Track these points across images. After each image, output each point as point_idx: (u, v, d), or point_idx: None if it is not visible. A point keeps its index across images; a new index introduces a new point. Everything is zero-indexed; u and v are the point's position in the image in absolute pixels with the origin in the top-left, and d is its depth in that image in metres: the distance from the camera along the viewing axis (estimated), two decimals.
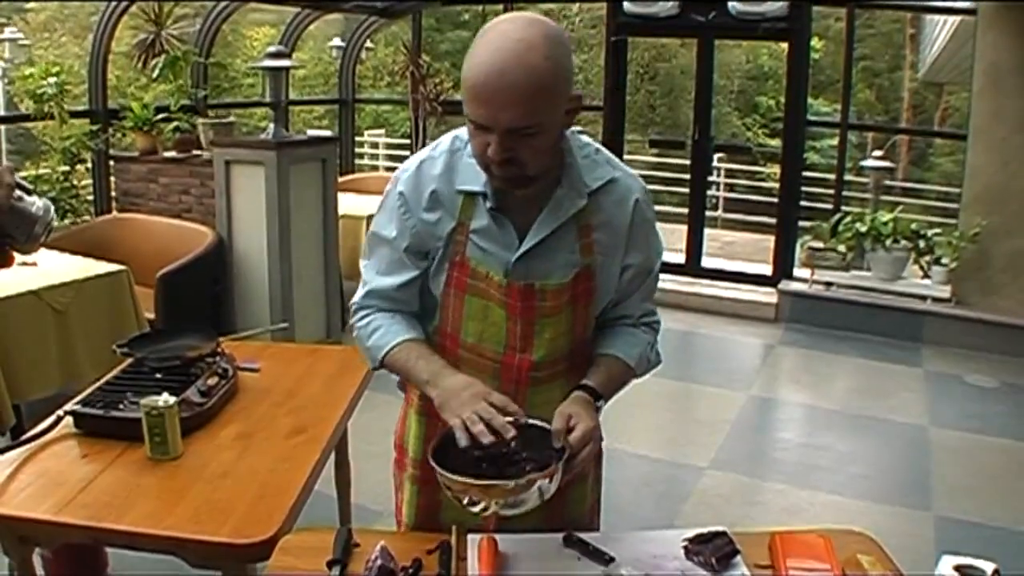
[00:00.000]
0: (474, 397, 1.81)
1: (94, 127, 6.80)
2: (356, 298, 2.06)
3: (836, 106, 17.38)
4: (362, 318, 2.05)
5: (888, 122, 20.43)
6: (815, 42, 17.22)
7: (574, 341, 2.04)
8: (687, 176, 9.23)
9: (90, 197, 7.15)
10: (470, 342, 1.99)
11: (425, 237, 1.94)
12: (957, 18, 8.72)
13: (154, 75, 7.28)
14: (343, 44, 10.18)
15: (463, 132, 1.89)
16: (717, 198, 14.06)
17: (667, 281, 8.37)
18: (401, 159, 11.30)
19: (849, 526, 2.08)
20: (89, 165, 7.08)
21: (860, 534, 2.03)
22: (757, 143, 18.65)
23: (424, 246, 1.96)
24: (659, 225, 2.09)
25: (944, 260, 7.47)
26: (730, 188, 14.73)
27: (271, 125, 6.03)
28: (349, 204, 7.21)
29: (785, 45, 8.70)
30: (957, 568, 1.77)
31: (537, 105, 1.70)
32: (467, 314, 1.98)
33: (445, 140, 1.97)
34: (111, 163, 6.97)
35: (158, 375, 2.80)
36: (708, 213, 11.34)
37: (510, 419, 1.77)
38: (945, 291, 7.52)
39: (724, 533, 1.90)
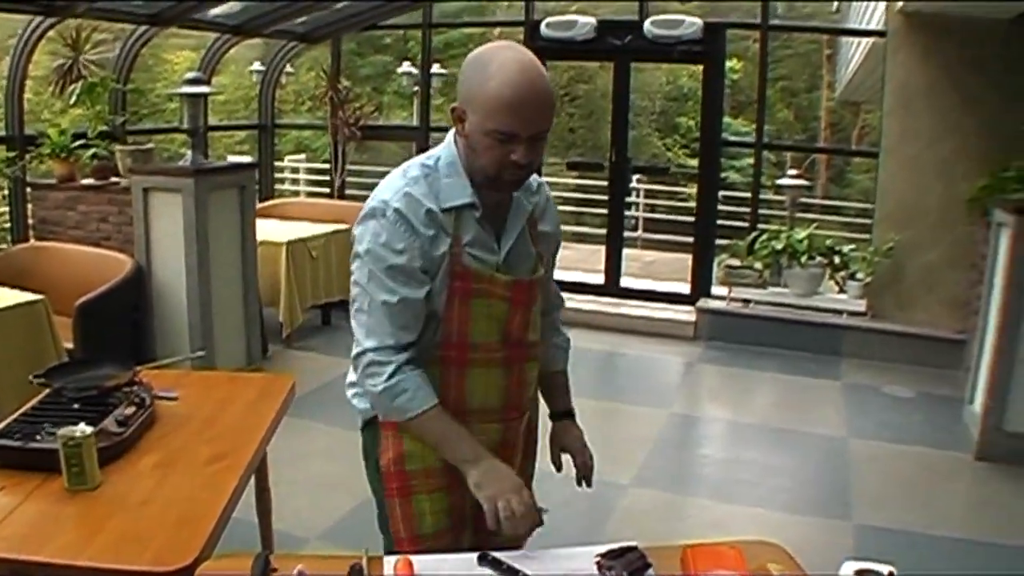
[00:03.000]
0: (515, 487, 2.05)
1: (10, 154, 6.67)
2: (366, 346, 2.11)
3: (756, 126, 17.70)
4: (389, 376, 2.09)
5: (807, 141, 20.85)
6: (735, 63, 17.59)
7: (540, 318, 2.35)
8: (606, 197, 9.31)
9: (7, 225, 7.02)
10: (479, 341, 2.17)
11: (427, 255, 2.07)
12: (870, 40, 8.98)
13: (71, 101, 7.18)
14: (263, 68, 10.11)
15: (422, 160, 2.14)
16: (637, 219, 14.18)
17: (587, 302, 8.49)
18: (323, 183, 11.26)
19: (768, 538, 2.14)
20: (5, 192, 6.96)
21: (771, 544, 2.09)
22: (677, 163, 18.87)
23: (426, 265, 2.08)
24: (580, 246, 2.26)
25: (859, 275, 7.67)
26: (651, 208, 14.86)
27: (189, 152, 5.99)
28: (269, 230, 7.21)
29: (701, 67, 8.87)
30: (858, 572, 1.84)
31: (552, 111, 2.04)
32: (473, 318, 2.14)
33: (411, 169, 2.13)
34: (28, 190, 6.86)
35: (76, 405, 2.79)
36: (628, 234, 11.49)
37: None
38: (861, 305, 7.72)
39: (635, 548, 1.95)
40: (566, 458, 2.55)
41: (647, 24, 8.37)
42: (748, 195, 9.28)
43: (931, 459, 5.61)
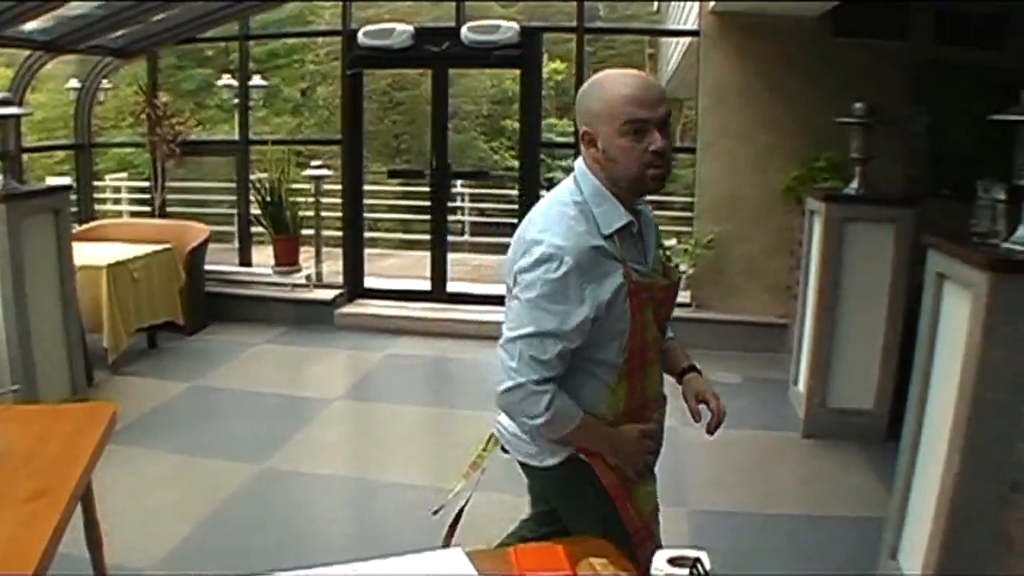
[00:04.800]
0: (640, 445, 2.46)
1: None
2: (529, 378, 2.26)
3: (575, 127, 17.85)
4: (548, 405, 2.27)
5: None
6: (559, 64, 17.80)
7: None
8: (429, 204, 9.20)
9: None
10: (650, 342, 2.40)
11: (597, 299, 2.23)
12: (686, 39, 9.16)
13: None
14: (80, 85, 9.58)
15: (567, 196, 2.32)
16: (463, 223, 14.22)
17: (415, 309, 8.36)
18: (145, 203, 10.75)
19: None
20: None
21: (595, 540, 2.18)
22: (505, 166, 18.96)
23: (593, 311, 2.23)
24: (407, 253, 2.21)
25: (683, 267, 7.79)
26: (480, 212, 14.90)
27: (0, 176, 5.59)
28: (89, 253, 6.89)
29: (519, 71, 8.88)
30: (670, 560, 1.83)
31: (666, 97, 2.25)
32: (646, 324, 2.36)
33: (567, 207, 2.29)
34: None
35: None
36: (455, 238, 11.43)
37: None
38: (685, 296, 7.85)
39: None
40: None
41: (464, 30, 8.36)
42: None
43: (761, 440, 5.74)
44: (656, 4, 13.15)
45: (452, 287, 8.95)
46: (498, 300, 8.35)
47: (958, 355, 3.31)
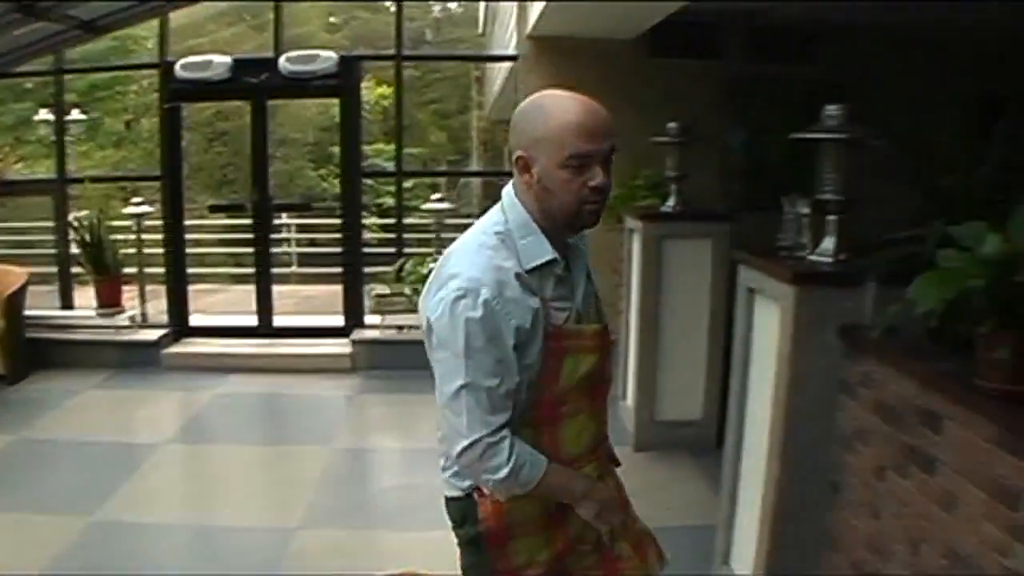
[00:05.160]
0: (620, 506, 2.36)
1: None
2: (480, 435, 2.06)
3: (410, 150, 17.87)
4: (508, 457, 2.08)
5: (460, 160, 21.43)
6: (387, 89, 17.71)
7: None
8: (252, 237, 9.00)
9: None
10: (569, 396, 2.19)
11: (522, 328, 2.06)
12: (507, 64, 9.25)
13: None
14: None
15: (489, 227, 2.15)
16: (291, 254, 13.98)
17: (242, 345, 8.18)
18: None
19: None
20: None
21: (413, 573, 2.13)
22: (333, 194, 18.71)
23: (522, 337, 2.07)
24: (234, 287, 2.12)
25: None
26: (311, 243, 14.67)
27: None
28: None
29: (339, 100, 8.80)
30: None
31: (613, 127, 2.09)
32: (565, 375, 2.15)
33: (486, 238, 2.13)
34: None
35: None
36: (283, 270, 11.23)
37: None
38: None
39: None
40: None
41: (282, 60, 8.26)
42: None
43: None
44: (482, 27, 13.27)
45: (279, 320, 8.77)
46: (326, 332, 8.32)
47: (771, 365, 3.44)
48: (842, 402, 3.30)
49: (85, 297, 8.91)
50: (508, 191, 2.19)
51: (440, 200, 8.96)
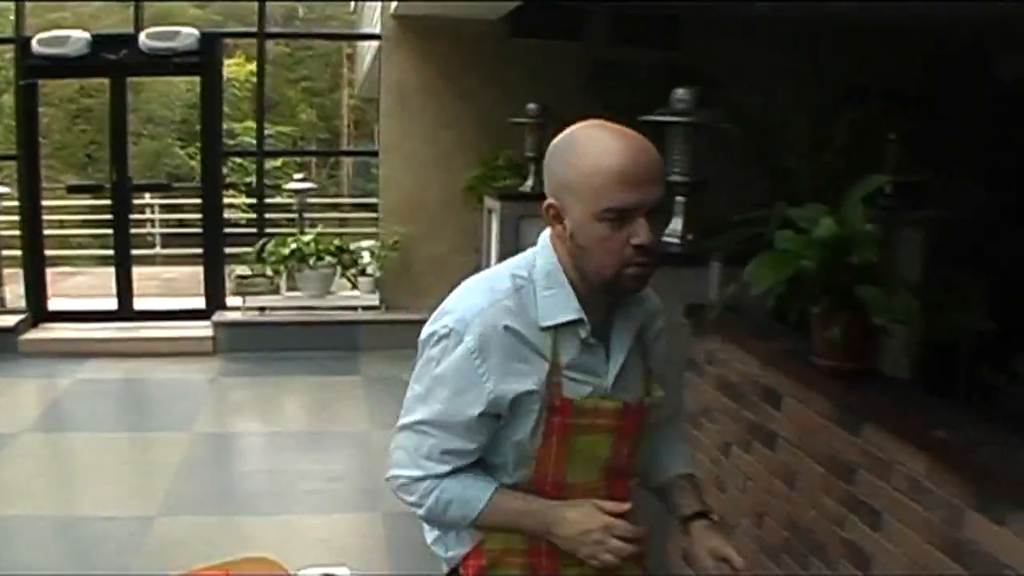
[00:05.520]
0: (604, 532, 1.75)
1: None
2: (407, 472, 1.83)
3: (278, 128, 17.55)
4: (427, 496, 1.81)
5: (331, 140, 21.19)
6: (255, 66, 17.37)
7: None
8: (111, 218, 8.78)
9: None
10: (577, 482, 1.81)
11: (500, 399, 1.72)
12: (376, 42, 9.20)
13: None
14: None
15: (512, 268, 1.79)
16: (154, 235, 13.68)
17: (103, 329, 8.00)
18: None
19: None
20: None
21: (262, 559, 2.15)
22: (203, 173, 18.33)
23: (499, 407, 1.74)
24: (96, 270, 2.00)
25: (369, 270, 7.86)
26: (179, 223, 14.36)
27: None
28: None
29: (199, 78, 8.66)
30: None
31: (664, 173, 1.73)
32: (571, 456, 1.79)
33: (500, 280, 1.77)
34: None
35: None
36: (146, 252, 11.00)
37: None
38: (374, 299, 8.01)
39: None
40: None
41: (143, 37, 8.05)
42: (274, 202, 9.31)
43: None
44: (353, 5, 13.15)
45: (140, 304, 8.58)
46: (187, 314, 8.18)
47: None
48: (689, 380, 3.41)
49: None
50: (544, 235, 1.82)
51: (303, 180, 8.89)
